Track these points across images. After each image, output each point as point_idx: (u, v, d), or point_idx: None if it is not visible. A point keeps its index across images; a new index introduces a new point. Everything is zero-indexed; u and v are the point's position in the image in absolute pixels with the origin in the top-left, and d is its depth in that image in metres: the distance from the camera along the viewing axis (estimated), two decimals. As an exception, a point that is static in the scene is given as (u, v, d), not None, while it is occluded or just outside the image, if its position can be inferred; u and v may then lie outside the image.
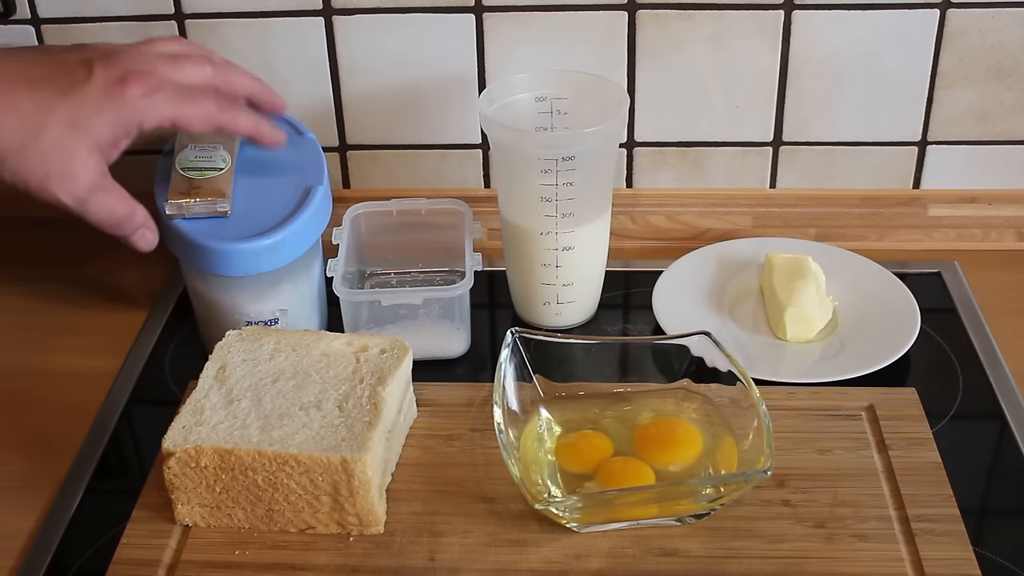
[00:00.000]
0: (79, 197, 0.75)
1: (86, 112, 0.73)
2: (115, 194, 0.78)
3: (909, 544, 0.70)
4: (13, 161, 0.73)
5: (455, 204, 0.94)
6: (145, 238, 0.80)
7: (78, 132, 0.73)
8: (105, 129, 0.74)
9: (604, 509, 0.72)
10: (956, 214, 1.02)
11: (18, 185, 0.74)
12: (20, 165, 0.73)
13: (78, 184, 0.75)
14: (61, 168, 0.74)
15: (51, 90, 0.73)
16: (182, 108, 0.77)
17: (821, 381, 0.83)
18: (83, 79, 0.74)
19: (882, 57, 0.97)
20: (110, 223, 0.78)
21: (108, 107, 0.74)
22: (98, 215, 0.77)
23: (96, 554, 0.73)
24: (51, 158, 0.73)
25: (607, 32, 0.96)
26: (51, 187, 0.74)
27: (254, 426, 0.72)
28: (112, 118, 0.74)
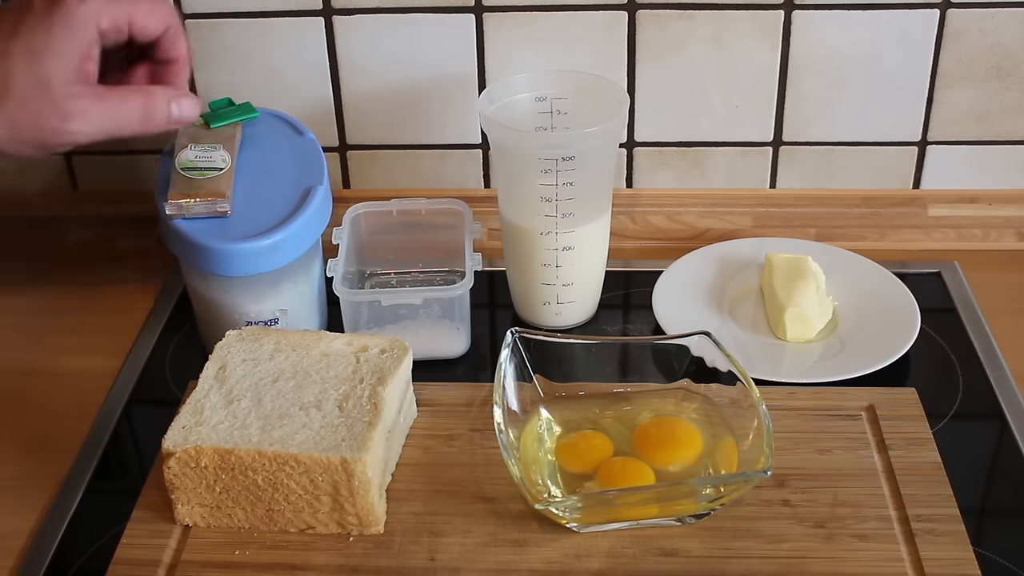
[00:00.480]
0: (81, 116, 0.70)
1: (39, 38, 0.69)
2: (115, 93, 0.73)
3: (909, 544, 0.70)
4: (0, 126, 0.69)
5: (455, 204, 0.94)
6: (183, 108, 0.75)
7: (42, 60, 0.69)
8: (64, 44, 0.70)
9: (604, 509, 0.72)
10: (956, 214, 1.02)
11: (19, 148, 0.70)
12: (7, 125, 0.69)
13: (71, 105, 0.70)
14: (44, 104, 0.69)
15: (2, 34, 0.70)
16: (134, 4, 0.73)
17: (821, 381, 0.83)
18: (24, 11, 0.70)
19: (882, 57, 0.97)
20: (136, 121, 0.73)
21: (57, 22, 0.70)
22: (116, 121, 0.72)
23: (96, 554, 0.73)
24: (31, 99, 0.69)
25: (607, 32, 0.96)
26: (48, 124, 0.70)
27: (254, 426, 0.72)
28: (65, 31, 0.70)
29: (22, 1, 0.71)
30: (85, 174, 1.07)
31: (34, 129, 0.70)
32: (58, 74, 0.69)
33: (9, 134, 0.69)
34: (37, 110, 0.69)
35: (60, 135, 0.70)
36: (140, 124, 0.73)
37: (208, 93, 1.01)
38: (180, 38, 0.76)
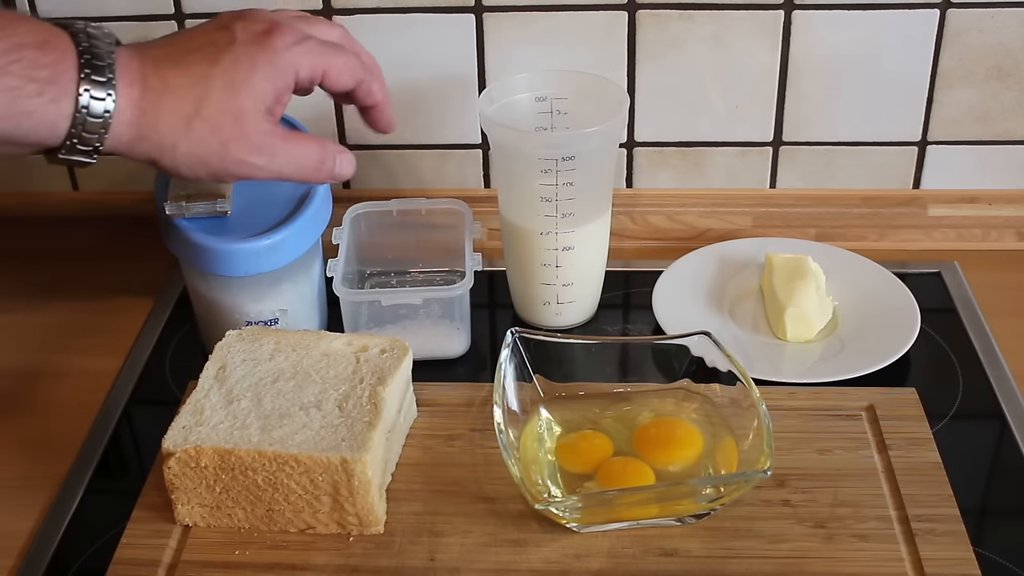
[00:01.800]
0: (265, 152, 0.71)
1: (241, 71, 0.70)
2: (299, 139, 0.73)
3: (909, 544, 0.70)
4: (184, 144, 0.69)
5: (455, 204, 0.94)
6: (343, 165, 0.75)
7: (239, 93, 0.69)
8: (265, 84, 0.70)
9: (604, 509, 0.72)
10: (956, 214, 1.02)
11: (197, 169, 0.70)
12: (193, 144, 0.69)
13: (258, 139, 0.71)
14: (234, 133, 0.70)
15: (200, 61, 0.69)
16: (331, 58, 0.73)
17: (821, 381, 0.83)
18: (228, 42, 0.70)
19: (882, 57, 0.97)
20: (311, 169, 0.73)
21: (262, 60, 0.70)
22: (294, 165, 0.73)
23: (96, 554, 0.73)
24: (221, 126, 0.69)
25: (607, 32, 0.96)
26: (234, 155, 0.70)
27: (254, 426, 0.72)
28: (268, 71, 0.70)
29: (222, 29, 0.71)
30: (85, 174, 1.07)
31: (218, 155, 0.70)
32: (252, 109, 0.70)
33: (194, 155, 0.69)
34: (226, 139, 0.69)
35: (242, 167, 0.70)
36: (312, 172, 0.73)
37: (208, 93, 1.00)
38: (374, 88, 0.76)
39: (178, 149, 0.68)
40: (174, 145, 0.68)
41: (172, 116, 0.68)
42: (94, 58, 0.65)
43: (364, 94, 0.76)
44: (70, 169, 1.07)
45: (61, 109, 0.64)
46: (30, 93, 0.63)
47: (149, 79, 0.67)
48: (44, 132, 0.65)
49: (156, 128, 0.67)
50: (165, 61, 0.69)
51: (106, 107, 0.65)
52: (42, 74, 0.63)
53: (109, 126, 0.66)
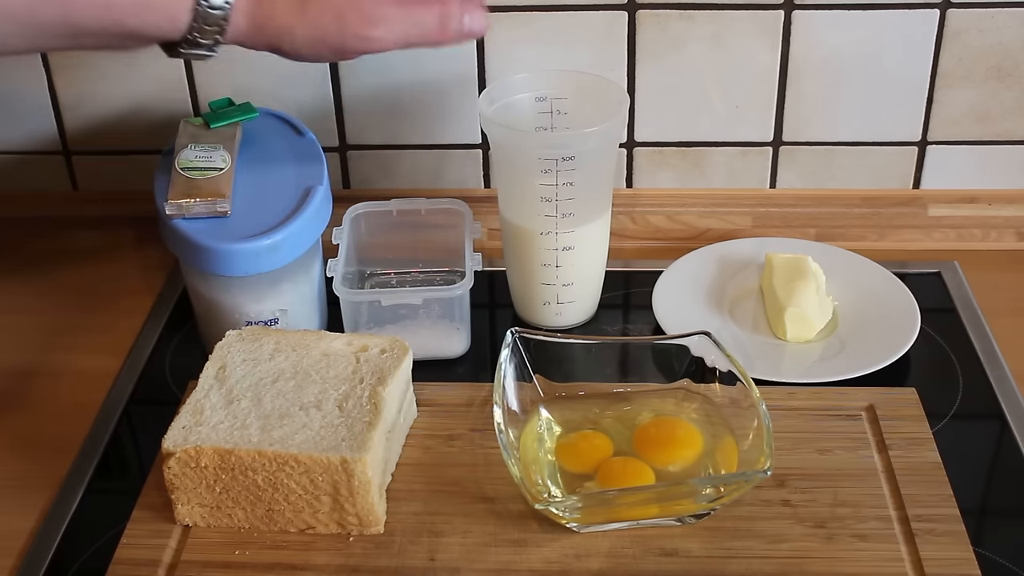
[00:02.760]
0: (385, 22, 0.70)
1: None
2: (416, 3, 0.72)
3: (909, 544, 0.70)
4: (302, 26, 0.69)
5: (455, 204, 0.94)
6: (474, 21, 0.74)
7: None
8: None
9: (604, 509, 0.72)
10: (956, 214, 1.02)
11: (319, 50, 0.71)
12: (311, 26, 0.69)
13: (373, 12, 0.70)
14: (348, 7, 0.70)
15: None
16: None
17: (821, 381, 0.83)
18: None
19: (882, 57, 0.97)
20: (434, 31, 0.73)
21: None
22: (417, 28, 0.72)
23: (96, 554, 0.73)
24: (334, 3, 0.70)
25: (607, 32, 0.96)
26: (352, 28, 0.70)
27: (254, 426, 0.72)
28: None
29: None
30: (85, 174, 1.07)
31: (338, 33, 0.70)
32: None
33: (312, 35, 0.69)
34: (343, 14, 0.69)
35: (363, 41, 0.70)
36: (437, 33, 0.72)
37: (208, 93, 1.01)
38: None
39: (296, 32, 0.69)
40: (291, 29, 0.69)
41: (286, 1, 0.69)
42: None
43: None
44: (70, 169, 1.06)
45: (182, 2, 0.66)
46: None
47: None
48: (167, 25, 0.66)
49: (272, 15, 0.68)
50: None
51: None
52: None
53: (229, 16, 0.67)
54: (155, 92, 1.02)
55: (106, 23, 0.66)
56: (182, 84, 1.01)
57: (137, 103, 1.02)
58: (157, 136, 1.01)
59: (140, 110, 1.03)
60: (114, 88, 1.02)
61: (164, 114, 1.02)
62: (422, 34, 0.72)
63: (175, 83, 1.01)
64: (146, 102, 1.02)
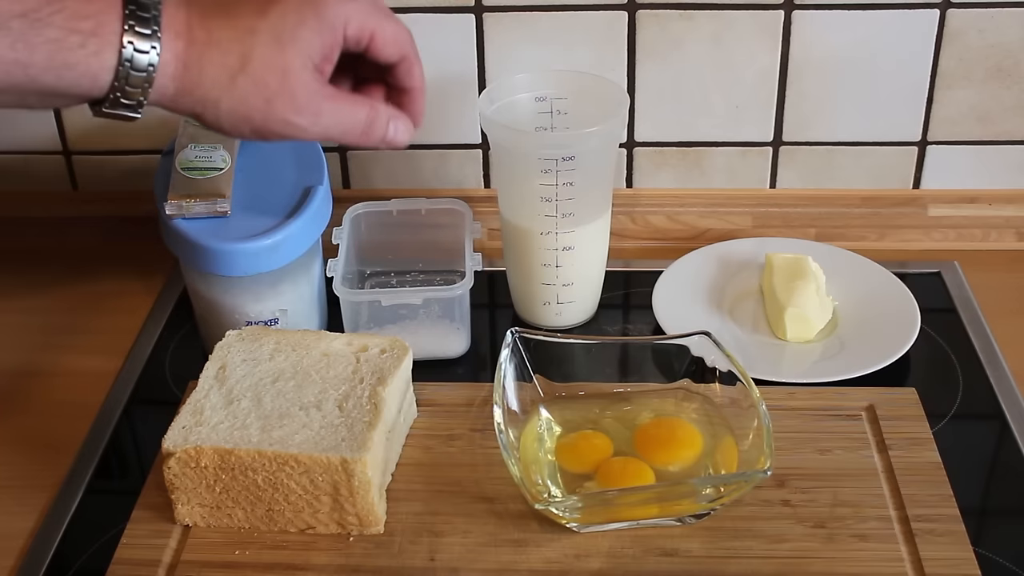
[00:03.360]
0: (311, 112, 0.68)
1: (288, 24, 0.67)
2: (346, 99, 0.70)
3: (909, 544, 0.70)
4: (228, 99, 0.66)
5: (455, 204, 0.94)
6: (399, 131, 0.72)
7: (285, 47, 0.66)
8: (311, 39, 0.67)
9: (604, 509, 0.72)
10: (956, 214, 1.02)
11: (240, 127, 0.67)
12: (237, 102, 0.66)
13: (303, 98, 0.68)
14: (279, 91, 0.67)
15: (247, 13, 0.66)
16: (382, 22, 0.70)
17: (821, 381, 0.83)
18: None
19: (882, 57, 0.97)
20: (358, 132, 0.70)
21: (310, 13, 0.67)
22: (341, 126, 0.70)
23: (96, 554, 0.73)
24: (267, 82, 0.66)
25: (607, 32, 0.96)
26: (278, 114, 0.67)
27: (254, 426, 0.72)
28: (316, 24, 0.67)
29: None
30: (85, 174, 1.07)
31: (262, 113, 0.67)
32: (299, 65, 0.67)
33: (237, 111, 0.67)
34: (271, 96, 0.66)
35: (286, 127, 0.68)
36: (360, 135, 0.70)
37: (208, 93, 1.00)
38: (415, 70, 0.73)
39: (221, 105, 0.66)
40: (217, 101, 0.66)
41: (216, 71, 0.65)
42: (139, 9, 0.63)
43: (405, 73, 0.73)
44: (70, 169, 1.06)
45: (103, 61, 0.62)
46: (72, 45, 0.61)
47: (195, 31, 0.65)
48: (87, 84, 0.63)
49: (200, 83, 0.65)
50: (212, 12, 0.66)
51: (150, 60, 0.63)
52: (85, 25, 0.61)
53: (153, 80, 0.64)
54: (155, 92, 1.01)
55: (20, 80, 0.63)
56: (182, 84, 1.01)
57: (137, 103, 1.02)
58: (157, 136, 1.01)
59: (140, 110, 1.02)
60: (114, 88, 1.01)
61: (164, 114, 1.01)
62: (344, 132, 0.70)
63: (175, 83, 1.01)
64: (146, 102, 1.02)
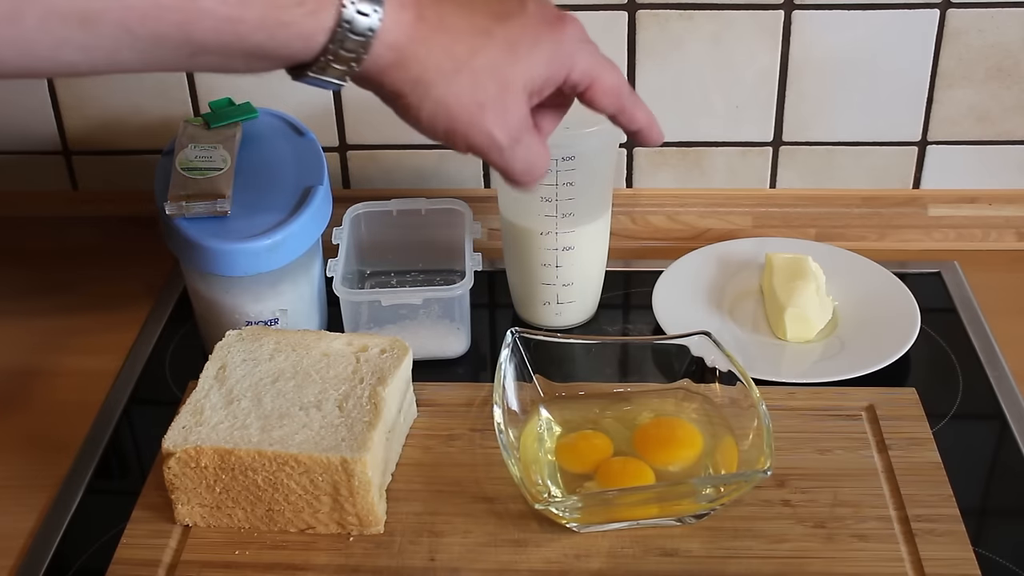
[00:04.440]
0: (513, 135, 0.64)
1: (525, 40, 0.64)
2: (540, 139, 0.67)
3: (909, 544, 0.70)
4: (443, 87, 0.62)
5: (455, 204, 0.94)
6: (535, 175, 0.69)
7: (518, 60, 0.63)
8: (540, 63, 0.64)
9: (604, 509, 0.72)
10: (956, 214, 1.02)
11: (439, 122, 0.63)
12: (450, 92, 0.62)
13: (513, 119, 0.64)
14: (496, 98, 0.63)
15: (485, 13, 0.63)
16: (605, 68, 0.67)
17: (821, 381, 0.83)
18: (518, 8, 0.64)
19: (882, 57, 0.96)
20: (526, 172, 0.67)
21: (547, 39, 0.64)
22: (525, 161, 0.66)
23: (96, 554, 0.73)
24: (486, 86, 0.63)
25: (607, 32, 0.96)
26: (485, 121, 0.63)
27: (254, 426, 0.72)
28: (549, 52, 0.64)
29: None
30: (85, 174, 1.07)
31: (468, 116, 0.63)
32: (521, 85, 0.64)
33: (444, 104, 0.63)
34: (485, 101, 0.63)
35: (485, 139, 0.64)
36: (522, 173, 0.67)
37: (208, 93, 1.01)
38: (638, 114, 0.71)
39: (432, 91, 0.62)
40: (430, 85, 0.62)
41: (441, 54, 0.62)
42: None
43: (627, 120, 0.71)
44: (70, 169, 1.06)
45: (321, 21, 0.58)
46: (288, 3, 0.58)
47: (425, 9, 0.61)
48: (299, 45, 0.60)
49: (420, 60, 0.61)
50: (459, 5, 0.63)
51: (371, 24, 0.59)
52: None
53: (370, 46, 0.59)
54: (155, 92, 1.01)
55: (230, 39, 0.59)
56: (182, 84, 1.01)
57: (137, 103, 1.02)
58: (157, 136, 1.01)
59: (140, 110, 1.03)
60: (114, 88, 1.02)
61: (164, 114, 1.02)
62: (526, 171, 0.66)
63: (175, 83, 1.01)
64: (146, 102, 1.02)
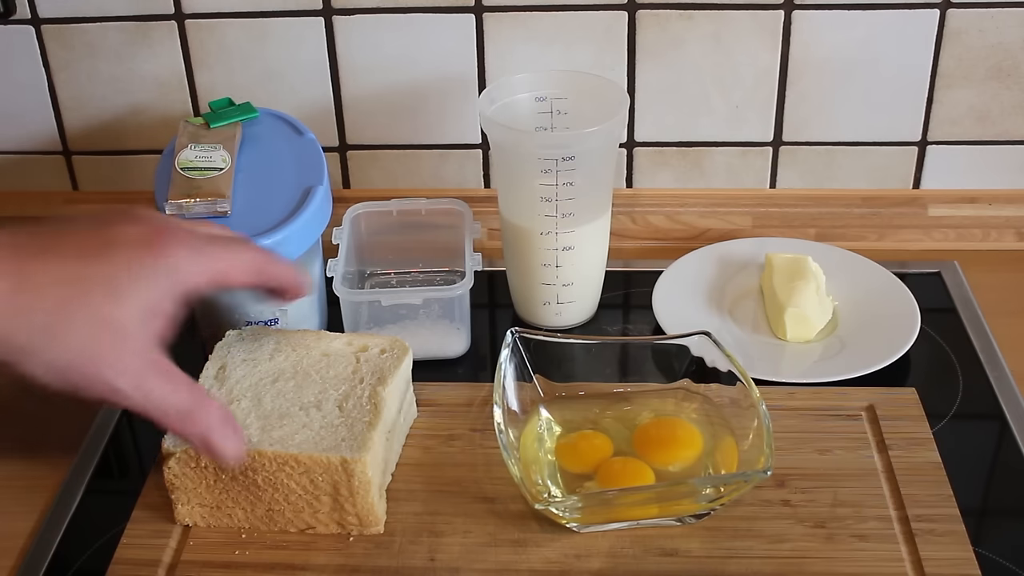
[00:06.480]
0: (136, 380, 0.61)
1: (124, 276, 0.61)
2: (178, 378, 0.64)
3: (909, 544, 0.70)
4: (47, 350, 0.59)
5: (455, 204, 0.94)
6: (227, 441, 0.65)
7: (120, 300, 0.60)
8: (151, 293, 0.61)
9: (604, 509, 0.72)
10: (956, 214, 1.02)
11: (55, 381, 0.60)
12: (56, 354, 0.59)
13: (132, 363, 0.61)
14: (108, 347, 0.60)
15: (76, 257, 0.60)
16: (226, 259, 0.65)
17: (821, 381, 0.83)
18: (110, 240, 0.61)
19: (882, 57, 0.97)
20: (175, 416, 0.64)
21: (148, 267, 0.61)
22: (162, 403, 0.63)
23: (96, 554, 0.73)
24: (95, 336, 0.60)
25: (607, 32, 0.96)
26: (100, 373, 0.60)
27: (254, 426, 0.72)
28: (156, 276, 0.62)
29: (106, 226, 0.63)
30: (85, 174, 1.07)
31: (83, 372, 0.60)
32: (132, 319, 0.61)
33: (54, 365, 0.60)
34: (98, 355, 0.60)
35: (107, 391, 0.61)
36: (175, 418, 0.64)
37: (208, 93, 1.01)
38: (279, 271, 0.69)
39: (41, 357, 0.59)
40: (37, 351, 0.59)
41: (41, 317, 0.59)
42: None
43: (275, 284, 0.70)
44: (70, 169, 1.06)
45: None
46: None
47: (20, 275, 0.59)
48: None
49: (20, 330, 0.59)
50: (40, 255, 0.60)
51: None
52: None
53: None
54: (155, 92, 1.02)
55: None
56: (182, 84, 1.01)
57: (137, 103, 1.02)
58: (157, 136, 1.01)
59: (140, 110, 1.03)
60: (114, 88, 1.02)
61: (164, 114, 1.02)
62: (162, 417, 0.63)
63: (175, 83, 1.01)
64: (146, 102, 1.02)
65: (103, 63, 1.00)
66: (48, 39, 1.00)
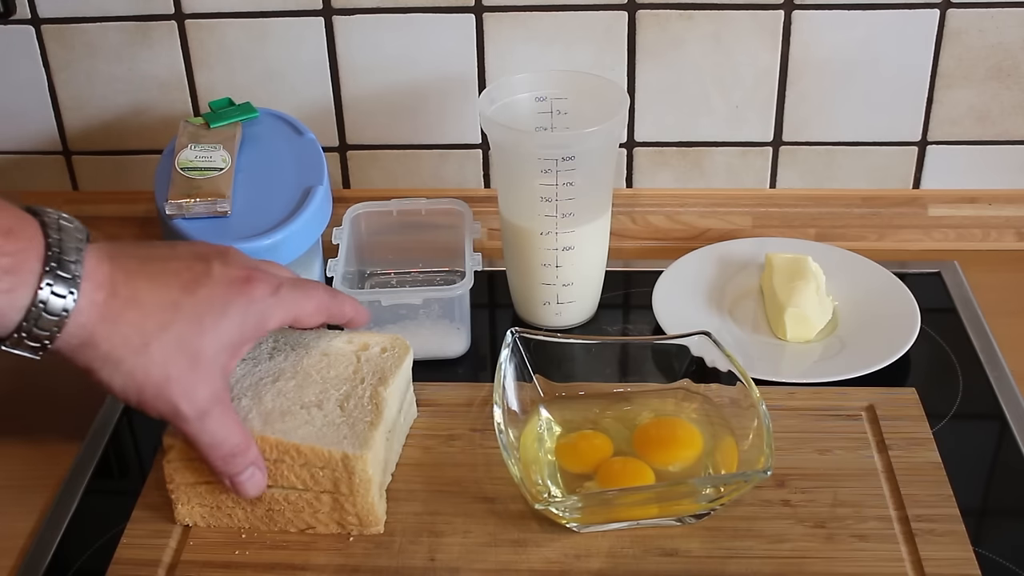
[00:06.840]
0: (200, 408, 0.66)
1: (214, 310, 0.66)
2: (233, 417, 0.69)
3: (909, 544, 0.70)
4: (131, 361, 0.64)
5: (455, 204, 0.94)
6: (254, 479, 0.70)
7: (205, 332, 0.65)
8: (231, 330, 0.66)
9: (604, 509, 0.72)
10: (956, 214, 1.02)
11: (128, 391, 0.65)
12: (138, 366, 0.64)
13: (201, 392, 0.66)
14: (185, 372, 0.65)
15: (175, 285, 0.65)
16: (302, 304, 0.70)
17: (821, 381, 0.83)
18: (204, 274, 0.66)
19: (882, 57, 0.97)
20: (223, 451, 0.68)
21: (236, 305, 0.66)
22: (215, 436, 0.67)
23: (96, 554, 0.73)
24: (176, 359, 0.64)
25: (607, 32, 0.96)
26: (171, 394, 0.65)
27: (256, 420, 0.72)
28: (240, 316, 0.66)
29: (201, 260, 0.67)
30: (85, 174, 1.07)
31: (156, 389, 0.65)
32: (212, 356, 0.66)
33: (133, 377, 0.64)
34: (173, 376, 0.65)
35: (171, 411, 0.66)
36: (221, 453, 0.68)
37: (208, 93, 1.01)
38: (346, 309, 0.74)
39: (122, 366, 0.64)
40: (120, 360, 0.64)
41: (131, 330, 0.63)
42: (62, 252, 0.62)
43: (339, 320, 0.75)
44: (70, 169, 1.06)
45: (15, 300, 0.61)
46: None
47: (119, 286, 0.64)
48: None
49: (108, 338, 0.63)
50: (137, 273, 0.65)
51: (65, 305, 0.61)
52: (2, 262, 0.60)
53: (64, 325, 0.62)
54: (155, 92, 1.02)
55: None
56: (182, 84, 1.01)
57: (137, 103, 1.02)
58: (157, 136, 1.01)
59: (140, 110, 1.03)
60: (114, 88, 1.02)
61: (164, 114, 1.02)
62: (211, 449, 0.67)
63: (175, 83, 1.01)
64: (146, 102, 1.02)
65: (103, 63, 1.00)
66: (48, 39, 1.00)
